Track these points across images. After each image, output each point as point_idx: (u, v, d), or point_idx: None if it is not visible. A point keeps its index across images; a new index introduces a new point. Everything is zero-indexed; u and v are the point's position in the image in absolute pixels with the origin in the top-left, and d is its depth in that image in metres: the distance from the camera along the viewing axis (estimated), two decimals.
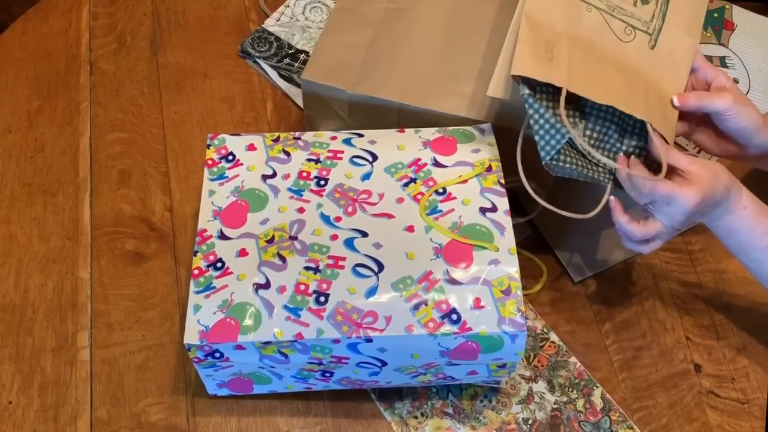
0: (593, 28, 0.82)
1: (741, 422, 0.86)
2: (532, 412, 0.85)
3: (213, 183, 0.83)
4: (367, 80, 0.91)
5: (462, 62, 0.94)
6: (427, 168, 0.82)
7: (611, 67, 0.80)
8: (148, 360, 0.87)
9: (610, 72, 0.80)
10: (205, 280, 0.76)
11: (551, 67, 0.77)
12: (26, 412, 0.84)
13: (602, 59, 0.81)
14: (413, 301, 0.73)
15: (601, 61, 0.80)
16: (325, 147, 0.85)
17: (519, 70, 0.75)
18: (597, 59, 0.80)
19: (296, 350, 0.74)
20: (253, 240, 0.78)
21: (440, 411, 0.85)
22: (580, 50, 0.80)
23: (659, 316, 0.92)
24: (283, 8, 1.17)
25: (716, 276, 0.96)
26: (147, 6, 1.17)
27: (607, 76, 0.79)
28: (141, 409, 0.84)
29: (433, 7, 0.99)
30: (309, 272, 0.75)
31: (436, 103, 0.90)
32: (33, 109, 1.06)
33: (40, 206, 0.98)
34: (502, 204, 0.79)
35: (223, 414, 0.84)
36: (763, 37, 1.11)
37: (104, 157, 1.02)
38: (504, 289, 0.74)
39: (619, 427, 0.85)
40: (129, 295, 0.92)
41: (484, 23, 0.98)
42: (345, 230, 0.78)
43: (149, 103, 1.08)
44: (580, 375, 0.88)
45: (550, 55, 0.77)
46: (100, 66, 1.11)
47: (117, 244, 0.95)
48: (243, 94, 1.09)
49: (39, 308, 0.90)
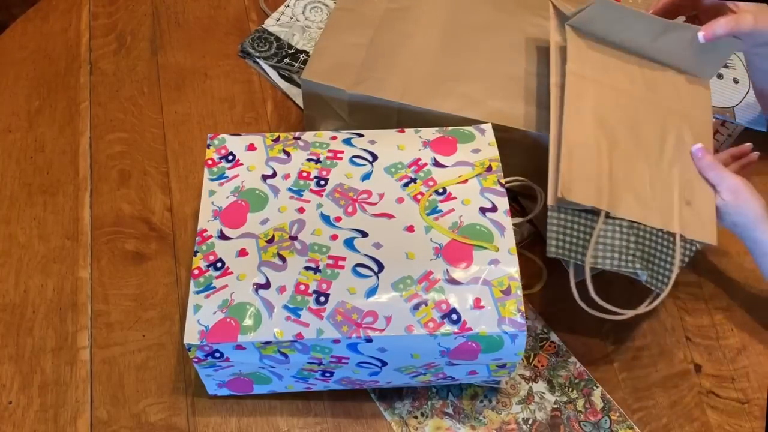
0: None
1: (741, 422, 0.86)
2: (532, 412, 0.85)
3: (213, 183, 0.83)
4: (367, 80, 0.91)
5: (462, 62, 0.94)
6: (427, 168, 0.82)
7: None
8: (148, 360, 0.87)
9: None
10: (205, 280, 0.76)
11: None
12: (26, 412, 0.84)
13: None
14: (413, 301, 0.73)
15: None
16: (325, 147, 0.85)
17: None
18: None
19: (296, 350, 0.74)
20: (253, 240, 0.78)
21: (440, 411, 0.85)
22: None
23: (659, 316, 0.92)
24: (283, 8, 1.17)
25: (716, 276, 0.96)
26: (147, 6, 1.17)
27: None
28: (141, 409, 0.84)
29: (433, 7, 0.99)
30: (309, 272, 0.75)
31: (436, 103, 0.90)
32: (33, 109, 1.06)
33: (40, 206, 0.98)
34: (502, 204, 0.79)
35: (223, 414, 0.84)
36: None
37: (104, 157, 1.02)
38: (504, 289, 0.74)
39: (619, 427, 0.85)
40: (129, 295, 0.92)
41: (484, 23, 0.98)
42: (345, 230, 0.78)
43: (149, 103, 1.08)
44: (580, 375, 0.88)
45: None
46: (100, 66, 1.11)
47: (117, 244, 0.95)
48: (243, 94, 1.09)
49: (39, 308, 0.90)
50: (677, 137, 0.86)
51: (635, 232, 0.80)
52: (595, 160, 0.81)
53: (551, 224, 0.79)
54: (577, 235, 0.80)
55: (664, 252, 0.80)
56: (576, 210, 0.80)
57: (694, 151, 0.84)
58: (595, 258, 0.79)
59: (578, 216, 0.80)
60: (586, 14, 0.88)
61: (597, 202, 0.79)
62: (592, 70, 0.87)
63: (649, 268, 0.80)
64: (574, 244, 0.79)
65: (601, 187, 0.80)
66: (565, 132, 0.82)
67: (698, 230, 0.81)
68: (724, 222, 0.84)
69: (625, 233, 0.80)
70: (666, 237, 0.81)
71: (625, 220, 0.80)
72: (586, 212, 0.80)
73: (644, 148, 0.84)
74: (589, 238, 0.79)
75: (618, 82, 0.88)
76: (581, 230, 0.80)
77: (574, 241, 0.79)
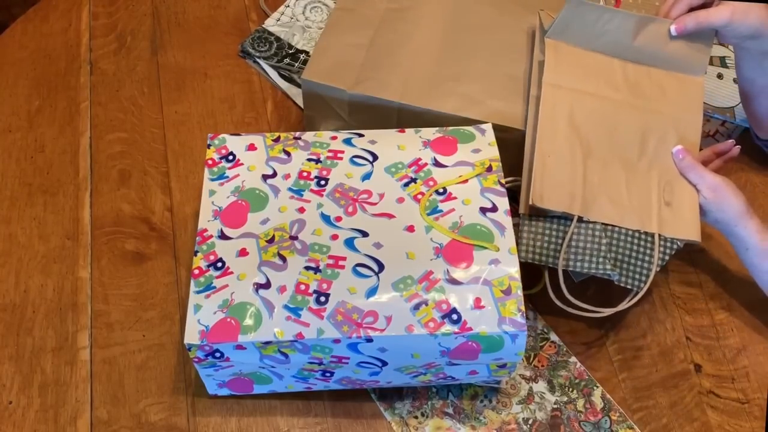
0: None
1: (741, 422, 0.86)
2: (533, 412, 0.85)
3: (213, 183, 0.83)
4: (367, 80, 0.91)
5: (462, 62, 0.94)
6: (427, 168, 0.82)
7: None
8: (149, 360, 0.87)
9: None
10: (205, 279, 0.76)
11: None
12: (26, 412, 0.84)
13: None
14: (413, 300, 0.73)
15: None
16: (325, 147, 0.85)
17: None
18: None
19: (296, 350, 0.74)
20: (253, 240, 0.78)
21: (440, 411, 0.85)
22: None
23: (659, 316, 0.93)
24: (283, 8, 1.17)
25: (716, 276, 0.96)
26: (147, 6, 1.17)
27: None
28: (141, 409, 0.84)
29: (434, 8, 0.99)
30: (309, 272, 0.75)
31: (437, 103, 0.90)
32: (33, 109, 1.06)
33: (40, 206, 0.98)
34: (503, 204, 0.79)
35: (224, 414, 0.84)
36: None
37: (104, 157, 1.02)
38: (504, 289, 0.74)
39: (619, 427, 0.85)
40: (129, 295, 0.92)
41: (485, 23, 0.98)
42: (345, 230, 0.78)
43: (149, 103, 1.08)
44: (581, 375, 0.88)
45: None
46: (100, 66, 1.11)
47: (117, 244, 0.95)
48: (243, 94, 1.09)
49: (39, 308, 0.90)
50: (659, 139, 0.87)
51: (609, 235, 0.82)
52: (568, 167, 0.84)
53: (522, 231, 0.83)
54: (548, 239, 0.83)
55: (641, 252, 0.83)
56: (548, 217, 0.83)
57: (674, 152, 0.86)
58: (566, 261, 0.82)
59: (551, 222, 0.83)
60: (561, 20, 0.90)
61: (569, 208, 0.82)
62: (569, 79, 0.89)
63: (622, 268, 0.82)
64: (545, 248, 0.83)
65: (574, 193, 0.83)
66: (538, 142, 0.85)
67: (680, 229, 0.83)
68: (707, 219, 0.86)
69: (598, 236, 0.82)
70: (644, 237, 0.83)
71: (599, 223, 0.82)
72: (558, 218, 0.83)
73: (621, 153, 0.86)
74: (561, 243, 0.82)
75: (598, 89, 0.89)
76: (553, 235, 0.83)
77: (545, 245, 0.83)
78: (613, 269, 0.81)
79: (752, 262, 0.85)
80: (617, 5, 1.12)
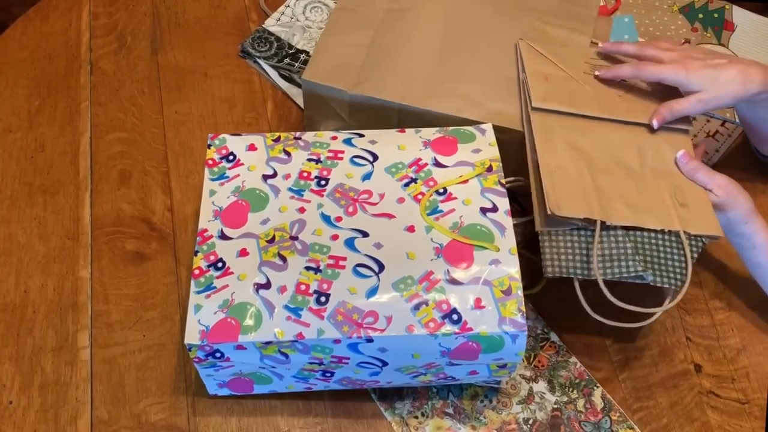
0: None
1: (741, 422, 0.86)
2: (533, 412, 0.85)
3: (213, 183, 0.83)
4: (367, 81, 0.91)
5: (462, 63, 0.94)
6: (427, 168, 0.82)
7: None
8: (149, 360, 0.87)
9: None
10: (205, 280, 0.76)
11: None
12: (26, 412, 0.84)
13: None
14: (414, 301, 0.73)
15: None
16: (325, 147, 0.85)
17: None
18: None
19: (297, 350, 0.74)
20: (253, 240, 0.78)
21: (441, 411, 0.85)
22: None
23: (659, 316, 0.92)
24: (284, 8, 1.17)
25: (716, 276, 0.96)
26: (147, 6, 1.17)
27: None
28: (141, 409, 0.84)
29: (434, 8, 0.99)
30: (310, 272, 0.75)
31: (437, 104, 0.90)
32: (33, 109, 1.06)
33: (40, 206, 0.98)
34: (503, 204, 0.79)
35: (224, 414, 0.84)
36: (763, 38, 1.11)
37: (104, 157, 1.02)
38: (505, 289, 0.74)
39: (620, 427, 0.85)
40: (129, 295, 0.92)
41: (485, 25, 0.98)
42: (345, 230, 0.78)
43: (149, 102, 1.08)
44: (581, 375, 0.88)
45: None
46: (101, 66, 1.11)
47: (117, 243, 0.95)
48: (243, 94, 1.09)
49: (39, 308, 0.90)
50: (655, 151, 0.87)
51: (632, 239, 0.81)
52: (576, 178, 0.83)
53: (544, 247, 0.80)
54: (572, 251, 0.80)
55: (669, 251, 0.81)
56: (567, 230, 0.81)
57: (678, 157, 0.86)
58: (603, 270, 0.80)
59: (570, 234, 0.81)
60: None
61: (589, 213, 0.80)
62: (558, 103, 0.88)
63: (654, 269, 0.80)
64: (571, 261, 0.80)
65: (589, 200, 0.81)
66: (540, 158, 0.83)
67: (702, 226, 0.82)
68: (719, 219, 0.85)
69: (621, 241, 0.80)
70: (668, 237, 0.81)
71: (620, 228, 0.81)
72: (578, 229, 0.81)
73: (623, 164, 0.85)
74: (585, 253, 0.80)
75: (586, 111, 0.89)
76: (576, 246, 0.81)
77: (570, 257, 0.80)
78: (645, 270, 0.80)
79: (758, 262, 0.85)
80: (617, 5, 1.12)
